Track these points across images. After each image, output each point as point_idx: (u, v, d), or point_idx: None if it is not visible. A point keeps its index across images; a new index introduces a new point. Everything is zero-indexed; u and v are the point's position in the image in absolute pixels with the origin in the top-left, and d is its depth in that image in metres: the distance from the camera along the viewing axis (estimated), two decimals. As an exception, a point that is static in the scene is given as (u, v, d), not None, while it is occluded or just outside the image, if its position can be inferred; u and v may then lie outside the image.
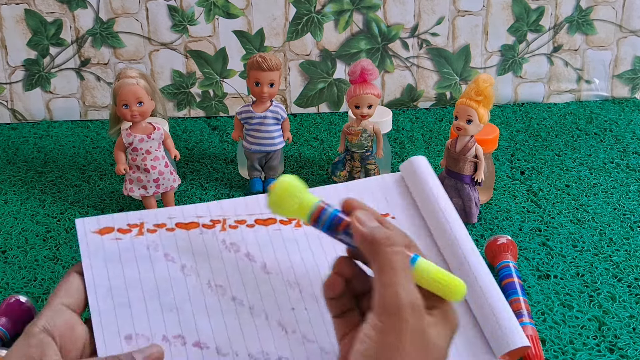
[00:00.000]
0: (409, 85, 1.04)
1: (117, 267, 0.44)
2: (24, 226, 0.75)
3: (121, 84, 0.70)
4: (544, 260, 0.68)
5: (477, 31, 1.01)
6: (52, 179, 0.85)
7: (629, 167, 0.87)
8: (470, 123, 0.70)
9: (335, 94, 1.03)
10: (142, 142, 0.72)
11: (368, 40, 1.01)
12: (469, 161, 0.73)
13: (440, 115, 1.02)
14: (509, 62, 1.04)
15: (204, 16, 0.97)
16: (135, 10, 0.96)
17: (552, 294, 0.63)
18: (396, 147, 0.93)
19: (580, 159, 0.89)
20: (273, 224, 0.48)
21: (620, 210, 0.77)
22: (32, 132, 0.98)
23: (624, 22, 1.03)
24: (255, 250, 0.47)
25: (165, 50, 0.99)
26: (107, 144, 0.94)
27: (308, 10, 0.98)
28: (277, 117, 0.79)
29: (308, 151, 0.92)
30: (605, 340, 0.58)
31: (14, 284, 0.66)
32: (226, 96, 1.02)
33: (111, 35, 0.97)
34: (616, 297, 0.63)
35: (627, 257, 0.69)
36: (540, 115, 1.02)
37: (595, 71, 1.06)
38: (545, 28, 1.02)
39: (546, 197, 0.80)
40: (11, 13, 0.96)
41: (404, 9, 0.99)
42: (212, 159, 0.90)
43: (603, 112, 1.03)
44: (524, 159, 0.89)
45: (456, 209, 0.75)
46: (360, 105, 0.75)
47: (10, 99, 1.00)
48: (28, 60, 0.98)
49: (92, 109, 1.01)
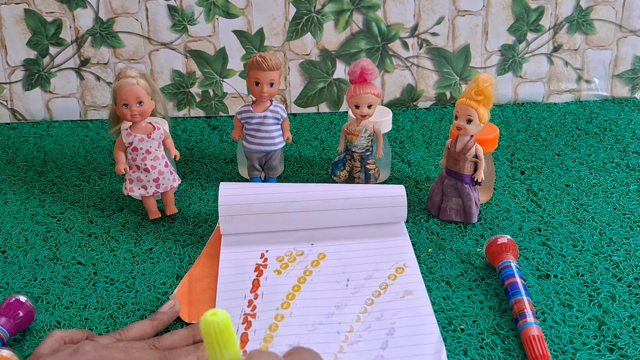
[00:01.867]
0: (409, 85, 1.04)
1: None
2: (23, 226, 0.75)
3: (121, 84, 0.70)
4: (544, 260, 0.68)
5: (477, 31, 1.02)
6: (52, 179, 0.85)
7: (629, 167, 0.87)
8: (470, 123, 0.70)
9: (335, 94, 1.03)
10: (142, 141, 0.72)
11: (368, 40, 1.01)
12: (469, 161, 0.73)
13: (440, 115, 1.02)
14: (509, 62, 1.04)
15: (204, 16, 0.97)
16: (135, 10, 0.96)
17: (552, 294, 0.63)
18: (396, 147, 0.93)
19: (580, 158, 0.89)
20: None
21: (620, 210, 0.77)
22: (32, 132, 0.98)
23: (624, 22, 1.03)
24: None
25: (165, 50, 0.99)
26: (107, 144, 0.94)
27: (308, 10, 0.98)
28: (277, 117, 0.79)
29: (308, 151, 0.92)
30: (605, 340, 0.58)
31: (14, 284, 0.66)
32: (226, 96, 1.02)
33: (111, 35, 0.97)
34: (616, 297, 0.63)
35: (627, 256, 0.69)
36: (540, 115, 1.02)
37: (595, 71, 1.06)
38: (545, 28, 1.02)
39: (546, 197, 0.80)
40: (11, 13, 0.96)
41: (404, 9, 0.99)
42: (212, 159, 0.90)
43: (603, 112, 1.03)
44: (524, 159, 0.89)
45: (456, 208, 0.75)
46: (360, 105, 0.75)
47: (10, 98, 1.00)
48: (28, 60, 0.98)
49: (92, 109, 1.01)
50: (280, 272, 0.65)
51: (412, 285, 0.63)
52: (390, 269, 0.65)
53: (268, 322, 0.58)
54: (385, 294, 0.62)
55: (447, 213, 0.75)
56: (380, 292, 0.62)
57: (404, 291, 0.62)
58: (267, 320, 0.58)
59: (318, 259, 0.66)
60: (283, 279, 0.64)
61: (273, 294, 0.61)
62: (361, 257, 0.67)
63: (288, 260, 0.66)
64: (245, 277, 0.64)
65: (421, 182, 0.84)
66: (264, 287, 0.63)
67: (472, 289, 0.64)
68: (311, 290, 0.62)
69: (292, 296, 0.61)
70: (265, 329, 0.57)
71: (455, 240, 0.72)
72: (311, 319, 0.58)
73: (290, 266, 0.65)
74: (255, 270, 0.65)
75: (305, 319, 0.58)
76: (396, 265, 0.66)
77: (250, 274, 0.64)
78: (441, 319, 0.60)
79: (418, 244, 0.71)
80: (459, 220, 0.75)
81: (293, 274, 0.64)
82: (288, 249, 0.68)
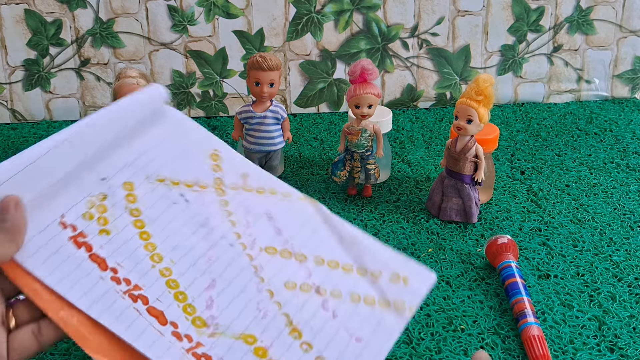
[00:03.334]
0: (409, 85, 1.04)
1: None
2: (23, 226, 0.75)
3: (121, 84, 0.70)
4: (544, 260, 0.68)
5: (477, 31, 1.02)
6: (52, 179, 0.85)
7: (629, 167, 0.87)
8: (470, 123, 0.70)
9: (335, 94, 1.03)
10: (142, 142, 0.72)
11: (368, 40, 1.01)
12: (469, 161, 0.73)
13: (440, 115, 1.02)
14: (509, 62, 1.04)
15: (204, 16, 0.97)
16: (135, 10, 0.96)
17: (552, 294, 0.63)
18: (396, 147, 0.93)
19: (580, 159, 0.89)
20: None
21: (620, 210, 0.77)
22: (32, 132, 0.98)
23: (624, 22, 1.03)
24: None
25: (165, 50, 0.99)
26: (107, 144, 0.94)
27: (308, 10, 0.98)
28: (277, 117, 0.79)
29: (308, 151, 0.92)
30: (605, 339, 0.58)
31: (13, 283, 0.66)
32: (226, 96, 1.02)
33: (111, 35, 0.97)
34: (616, 297, 0.63)
35: (627, 256, 0.69)
36: (540, 115, 1.02)
37: (595, 71, 1.06)
38: (545, 28, 1.02)
39: (546, 197, 0.80)
40: (11, 13, 0.96)
41: (404, 9, 0.99)
42: (212, 159, 0.90)
43: (603, 112, 1.03)
44: (524, 159, 0.89)
45: (456, 208, 0.75)
46: (360, 105, 0.75)
47: (10, 99, 1.00)
48: (28, 60, 0.98)
49: (92, 109, 1.01)
50: (107, 231, 0.47)
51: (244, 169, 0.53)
52: (205, 162, 0.53)
53: (161, 285, 0.46)
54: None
55: (447, 213, 0.75)
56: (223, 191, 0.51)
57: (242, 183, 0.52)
58: (158, 283, 0.46)
59: (127, 190, 0.50)
60: (117, 236, 0.47)
61: (128, 256, 0.47)
62: (160, 158, 0.52)
63: (98, 212, 0.48)
64: (74, 263, 0.45)
65: (421, 182, 0.84)
66: (108, 257, 0.46)
67: (473, 289, 0.64)
68: (163, 229, 0.49)
69: (151, 247, 0.48)
70: (166, 292, 0.46)
71: (455, 240, 0.72)
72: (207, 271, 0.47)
73: (110, 218, 0.48)
74: (79, 246, 0.46)
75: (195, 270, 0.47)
76: (209, 152, 0.54)
77: (79, 256, 0.45)
78: (441, 318, 0.60)
79: (418, 244, 0.71)
80: (459, 220, 0.75)
81: (121, 223, 0.48)
82: (84, 200, 0.48)
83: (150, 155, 0.52)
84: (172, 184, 0.51)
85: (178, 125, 0.55)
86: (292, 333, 0.45)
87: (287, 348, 0.44)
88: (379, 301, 0.48)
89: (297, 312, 0.46)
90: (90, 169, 0.49)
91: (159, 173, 0.51)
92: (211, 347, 0.43)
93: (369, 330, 0.46)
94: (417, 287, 0.49)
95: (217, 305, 0.45)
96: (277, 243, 0.50)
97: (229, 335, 0.44)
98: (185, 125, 0.55)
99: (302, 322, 0.46)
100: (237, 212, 0.51)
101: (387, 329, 0.47)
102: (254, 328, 0.45)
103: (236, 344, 0.44)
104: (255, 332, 0.45)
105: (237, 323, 0.45)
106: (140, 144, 0.52)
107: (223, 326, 0.45)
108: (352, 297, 0.48)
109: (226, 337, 0.44)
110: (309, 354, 0.44)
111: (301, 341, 0.45)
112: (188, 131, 0.55)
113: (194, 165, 0.53)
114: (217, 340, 0.44)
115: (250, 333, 0.45)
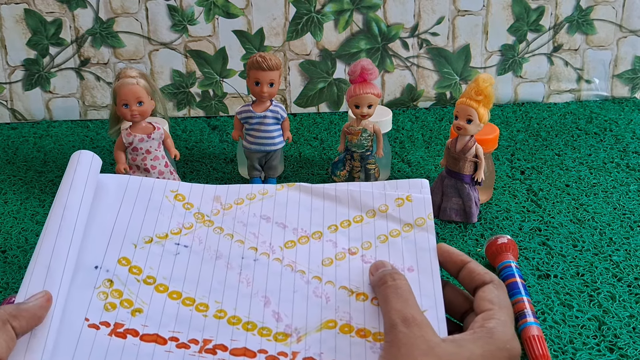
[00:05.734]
0: (409, 85, 1.04)
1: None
2: (23, 226, 0.75)
3: (121, 84, 0.70)
4: (544, 260, 0.68)
5: (477, 31, 1.01)
6: (52, 179, 0.85)
7: (629, 167, 0.87)
8: (470, 123, 0.70)
9: (335, 94, 1.03)
10: (142, 141, 0.72)
11: (368, 40, 1.01)
12: (469, 161, 0.73)
13: (440, 115, 1.02)
14: (509, 61, 1.04)
15: (204, 16, 0.97)
16: (135, 10, 0.96)
17: (552, 294, 0.63)
18: (396, 146, 0.93)
19: (580, 158, 0.89)
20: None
21: (620, 210, 0.77)
22: (32, 132, 0.98)
23: (624, 22, 1.03)
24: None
25: (165, 50, 0.99)
26: (107, 144, 0.94)
27: (308, 10, 0.98)
28: (277, 116, 0.79)
29: (308, 151, 0.92)
30: (605, 339, 0.58)
31: (14, 284, 0.66)
32: (226, 96, 1.02)
33: (111, 35, 0.97)
34: (616, 297, 0.63)
35: (627, 256, 0.69)
36: (540, 115, 1.02)
37: (595, 71, 1.06)
38: (545, 28, 1.02)
39: (546, 197, 0.80)
40: (11, 13, 0.96)
41: (404, 9, 0.99)
42: (212, 159, 0.90)
43: (603, 112, 1.03)
44: (524, 159, 0.89)
45: (456, 208, 0.75)
46: (360, 105, 0.75)
47: (10, 98, 1.00)
48: (28, 60, 0.98)
49: (92, 109, 1.01)
50: (138, 309, 0.47)
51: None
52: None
53: (225, 326, 0.46)
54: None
55: (447, 213, 0.75)
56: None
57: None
58: (222, 326, 0.46)
59: (126, 265, 0.49)
60: (151, 308, 0.47)
61: (176, 319, 0.46)
62: (133, 222, 0.52)
63: (117, 298, 0.47)
64: (132, 354, 0.44)
65: (421, 182, 0.84)
66: (159, 331, 0.45)
67: (472, 288, 0.64)
68: (186, 281, 0.49)
69: (190, 301, 0.48)
70: (235, 330, 0.46)
71: (455, 240, 0.72)
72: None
73: (131, 297, 0.47)
74: (124, 337, 0.45)
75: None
76: (171, 196, 0.54)
77: (130, 344, 0.45)
78: (441, 318, 0.60)
79: (418, 244, 0.71)
80: (459, 220, 0.75)
81: (145, 296, 0.48)
82: (95, 294, 0.47)
83: (122, 225, 0.51)
84: (160, 239, 0.51)
85: (124, 187, 0.54)
86: (359, 297, 0.47)
87: (362, 312, 0.46)
88: (403, 228, 0.51)
89: (349, 279, 0.48)
90: (78, 265, 0.48)
91: (142, 235, 0.51)
92: (306, 350, 0.44)
93: (412, 257, 0.49)
94: (421, 197, 0.53)
95: (283, 314, 0.47)
96: (290, 235, 0.51)
97: (312, 331, 0.46)
98: (131, 184, 0.54)
99: (357, 283, 0.48)
100: (237, 231, 0.52)
101: (426, 247, 0.49)
102: (327, 313, 0.46)
103: (323, 335, 0.45)
104: (330, 315, 0.46)
105: (311, 318, 0.46)
106: (104, 220, 0.51)
107: (301, 328, 0.46)
108: (381, 239, 0.51)
109: (311, 335, 0.45)
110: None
111: (369, 300, 0.47)
112: (137, 188, 0.54)
113: (167, 213, 0.53)
114: (306, 341, 0.45)
115: (327, 319, 0.46)
